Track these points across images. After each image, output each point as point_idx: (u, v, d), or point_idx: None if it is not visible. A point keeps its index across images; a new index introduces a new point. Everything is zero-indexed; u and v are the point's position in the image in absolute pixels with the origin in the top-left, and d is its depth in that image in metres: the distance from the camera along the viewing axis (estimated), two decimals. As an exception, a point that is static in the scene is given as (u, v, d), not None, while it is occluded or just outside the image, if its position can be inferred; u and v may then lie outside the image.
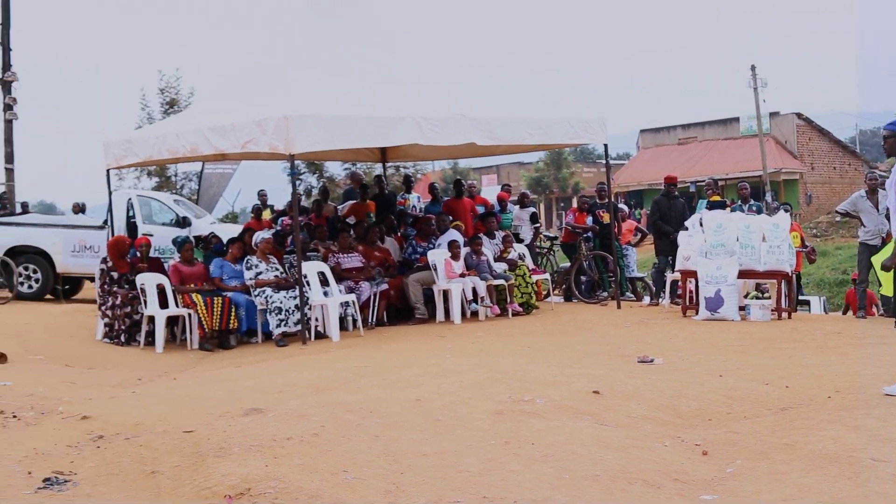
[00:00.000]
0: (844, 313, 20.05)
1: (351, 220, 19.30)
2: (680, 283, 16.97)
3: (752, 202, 18.61)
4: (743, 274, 15.72)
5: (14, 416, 9.17)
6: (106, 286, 15.84)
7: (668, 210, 18.57)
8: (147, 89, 36.05)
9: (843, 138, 78.43)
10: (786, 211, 17.77)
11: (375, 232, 17.47)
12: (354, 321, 15.62)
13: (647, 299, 19.31)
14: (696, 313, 15.76)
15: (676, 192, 19.29)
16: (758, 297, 15.94)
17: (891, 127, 9.59)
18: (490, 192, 32.16)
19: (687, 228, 16.88)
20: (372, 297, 16.13)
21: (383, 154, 21.84)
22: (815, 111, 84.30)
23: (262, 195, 23.91)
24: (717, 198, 19.10)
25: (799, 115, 67.72)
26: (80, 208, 29.28)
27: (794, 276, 16.84)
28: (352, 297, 15.55)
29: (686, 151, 70.40)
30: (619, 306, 17.83)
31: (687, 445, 7.44)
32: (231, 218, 35.22)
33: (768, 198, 49.86)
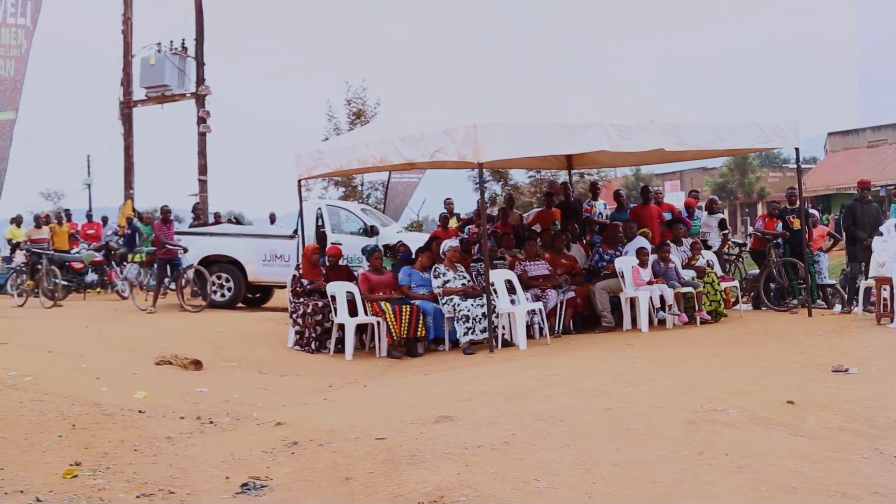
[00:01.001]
0: None
1: (537, 227, 19.33)
2: (874, 290, 16.53)
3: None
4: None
5: (211, 422, 9.46)
6: (297, 294, 16.20)
7: (862, 215, 18.10)
8: (333, 101, 36.67)
9: None
10: None
11: (562, 239, 17.45)
12: (541, 329, 15.63)
13: (838, 307, 18.87)
14: (892, 321, 15.34)
15: (870, 197, 18.81)
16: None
17: None
18: (673, 197, 31.85)
19: (881, 234, 16.42)
20: (558, 305, 16.13)
21: (569, 161, 21.80)
22: None
23: (448, 203, 24.11)
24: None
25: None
26: (272, 218, 30.04)
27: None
28: (538, 304, 15.58)
29: (876, 154, 68.50)
30: (809, 314, 17.47)
31: (886, 457, 7.26)
32: (416, 226, 35.58)
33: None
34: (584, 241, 19.35)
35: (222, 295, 22.04)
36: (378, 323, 15.26)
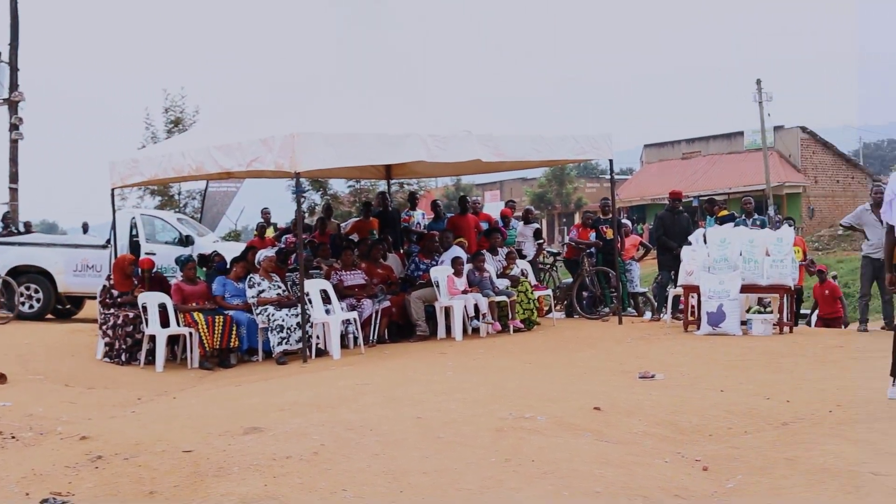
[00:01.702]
0: (813, 311, 20.25)
1: (354, 237, 19.30)
2: (682, 298, 16.96)
3: (755, 216, 18.60)
4: (746, 288, 15.72)
5: (13, 437, 9.18)
6: (107, 305, 15.87)
7: (672, 225, 18.56)
8: (151, 108, 36.09)
9: (846, 151, 78.39)
10: (790, 225, 17.76)
11: (378, 249, 17.44)
12: (356, 339, 15.58)
13: (648, 314, 19.30)
14: (698, 328, 15.75)
15: (681, 207, 19.29)
16: (760, 312, 15.91)
17: None
18: (493, 208, 32.19)
19: (690, 243, 16.86)
20: (374, 315, 16.11)
21: (388, 171, 21.82)
22: (819, 125, 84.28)
23: (265, 213, 23.91)
24: (725, 212, 19.13)
25: (803, 129, 67.66)
26: (85, 228, 29.37)
27: (796, 290, 16.85)
28: (353, 314, 15.54)
29: (690, 166, 70.42)
30: (620, 322, 17.79)
31: (687, 461, 7.43)
32: (234, 236, 35.23)
33: (771, 212, 49.93)
34: (401, 251, 19.38)
35: (31, 306, 21.40)
36: (190, 334, 15.02)
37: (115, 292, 15.89)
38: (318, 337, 15.14)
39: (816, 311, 20.87)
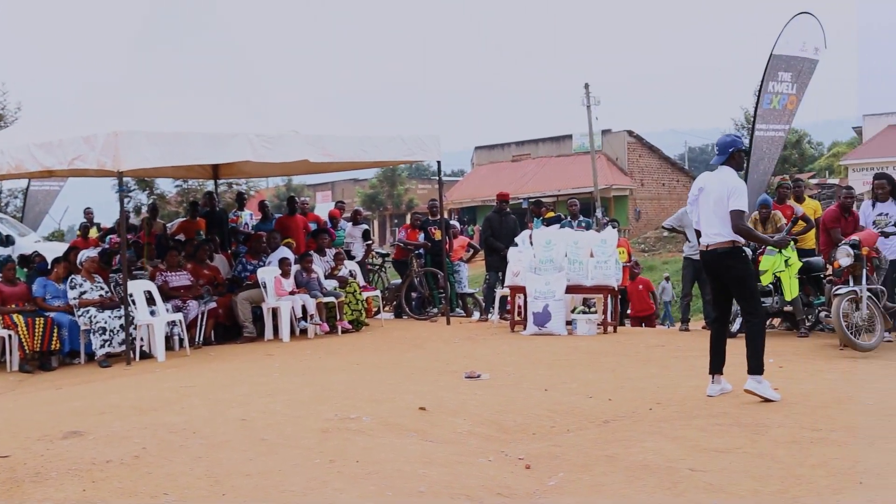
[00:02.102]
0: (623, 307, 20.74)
1: (181, 237, 19.02)
2: (509, 299, 17.15)
3: (581, 218, 18.87)
4: (571, 289, 15.97)
5: None
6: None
7: (500, 226, 18.74)
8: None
9: (672, 155, 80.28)
10: (613, 227, 18.08)
11: (205, 250, 17.21)
12: (181, 341, 15.35)
13: (476, 315, 19.45)
14: (525, 328, 15.95)
15: (508, 209, 19.48)
16: (584, 312, 16.18)
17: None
18: (324, 208, 32.07)
19: (517, 244, 17.06)
20: (200, 316, 15.89)
21: (215, 171, 21.53)
22: (647, 129, 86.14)
23: (87, 213, 23.43)
24: (551, 214, 19.39)
25: (630, 133, 69.02)
26: None
27: (619, 290, 17.18)
28: (179, 315, 15.30)
29: (520, 168, 71.22)
30: (448, 322, 17.90)
31: (511, 460, 7.51)
32: (57, 236, 34.43)
33: (599, 213, 50.81)
34: (229, 252, 19.16)
35: None
36: (9, 336, 14.60)
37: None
38: (142, 339, 14.87)
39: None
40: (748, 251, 11.18)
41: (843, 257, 13.18)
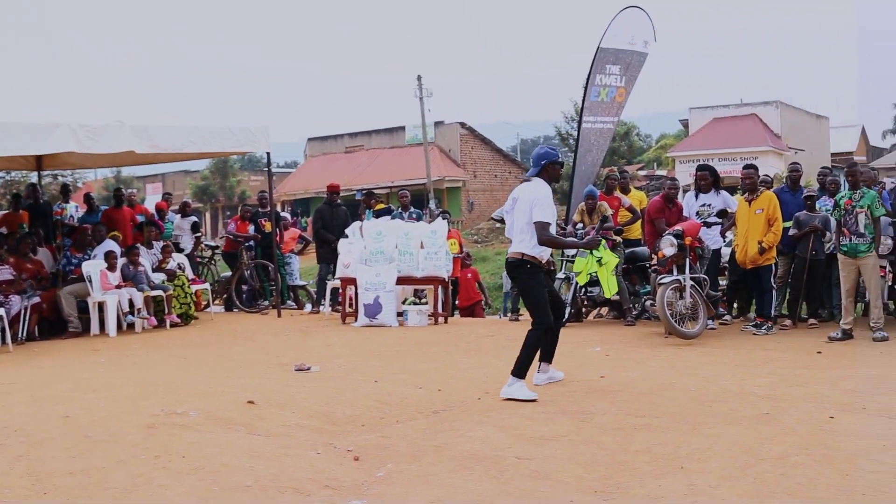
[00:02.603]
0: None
1: (3, 230, 18.48)
2: (340, 291, 17.12)
3: (412, 209, 18.93)
4: (402, 280, 16.04)
5: None
6: None
7: (331, 218, 18.68)
8: None
9: (505, 147, 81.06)
10: (444, 218, 18.17)
11: (27, 243, 16.73)
12: (3, 336, 14.92)
13: (308, 307, 19.38)
14: (356, 320, 15.95)
15: (339, 201, 19.42)
16: (415, 303, 16.25)
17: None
18: (154, 201, 31.51)
19: (348, 236, 17.04)
20: (23, 311, 15.46)
21: (39, 162, 20.97)
22: (479, 121, 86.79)
23: None
24: (381, 205, 19.40)
25: (463, 125, 69.42)
26: None
27: (451, 281, 17.28)
28: (0, 311, 14.89)
29: (353, 159, 71.10)
30: (279, 315, 17.81)
31: (339, 452, 7.49)
32: None
33: (432, 205, 50.99)
34: (53, 245, 18.70)
35: None
36: None
37: None
38: (-39, 336, 14.44)
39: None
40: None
41: (667, 247, 13.49)
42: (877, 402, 8.90)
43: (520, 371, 9.45)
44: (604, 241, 10.30)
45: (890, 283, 14.73)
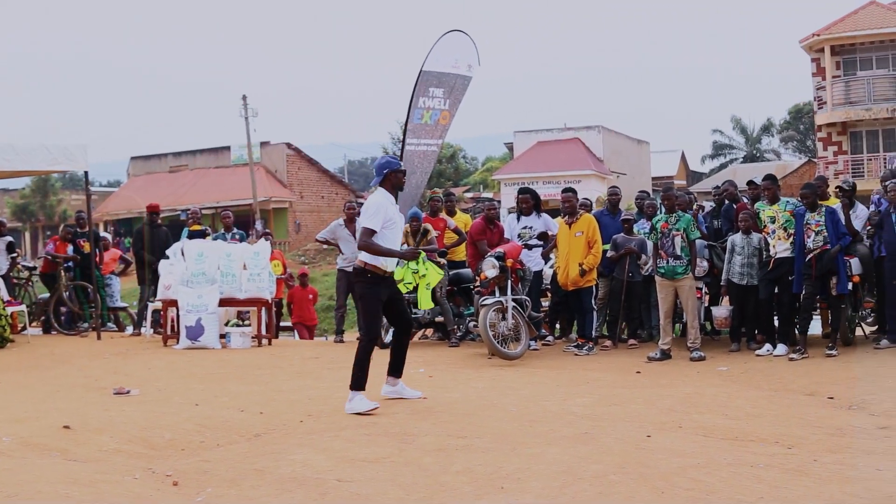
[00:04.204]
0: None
1: None
2: (162, 313, 16.86)
3: (235, 230, 18.74)
4: (224, 302, 15.88)
5: None
6: None
7: (151, 239, 18.38)
8: None
9: (332, 168, 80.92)
10: (266, 239, 18.04)
11: None
12: None
13: (129, 329, 19.02)
14: (178, 342, 15.72)
15: (160, 221, 19.12)
16: (238, 325, 16.10)
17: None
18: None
19: (168, 257, 16.79)
20: None
21: None
22: (306, 142, 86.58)
23: None
24: (197, 227, 19.15)
25: (289, 145, 69.09)
26: None
27: (274, 303, 17.17)
28: None
29: (177, 179, 70.09)
30: (99, 337, 17.45)
31: (158, 476, 7.35)
32: None
33: (258, 226, 50.61)
34: None
35: None
36: None
37: None
38: None
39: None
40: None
41: (489, 269, 13.64)
42: (693, 421, 9.14)
43: (356, 384, 9.58)
44: (423, 255, 10.28)
45: (706, 304, 15.14)
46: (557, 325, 16.31)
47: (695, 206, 16.10)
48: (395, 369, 10.21)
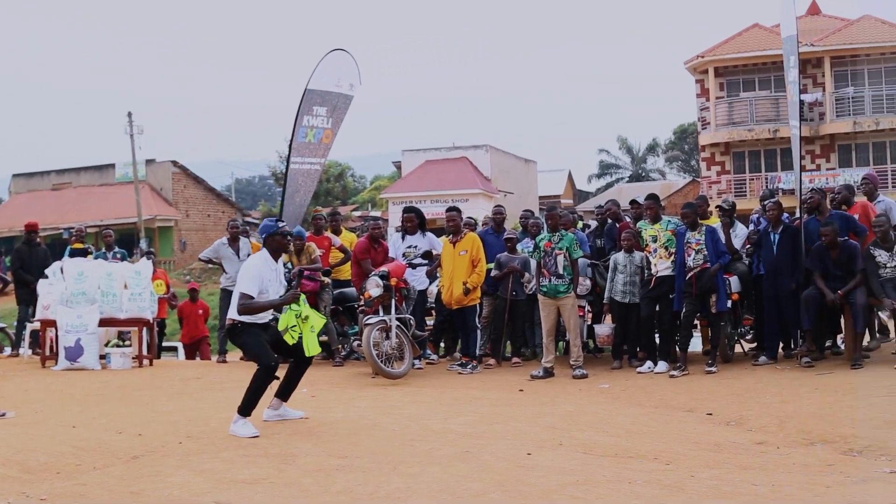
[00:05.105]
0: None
1: None
2: (40, 333, 16.55)
3: (116, 249, 18.49)
4: (104, 322, 15.63)
5: None
6: None
7: (29, 258, 18.04)
8: None
9: (219, 186, 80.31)
10: (149, 258, 17.82)
11: None
12: None
13: (7, 350, 18.66)
14: (56, 363, 15.44)
15: (39, 240, 18.79)
16: (119, 346, 15.85)
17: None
18: None
19: (47, 276, 16.50)
20: None
21: None
22: (193, 159, 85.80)
23: None
24: (80, 245, 18.85)
25: (175, 163, 68.45)
26: None
27: (156, 323, 16.96)
28: None
29: (61, 197, 68.97)
30: (-28, 360, 17.10)
31: (32, 501, 7.21)
32: None
33: (143, 245, 50.04)
34: None
35: None
36: None
37: None
38: None
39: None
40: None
41: (373, 288, 13.64)
42: (573, 438, 9.21)
43: (244, 409, 9.51)
44: (303, 297, 10.09)
45: (589, 322, 15.30)
46: (442, 344, 16.35)
47: (580, 225, 16.27)
48: (284, 393, 10.13)
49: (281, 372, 9.86)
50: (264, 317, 9.91)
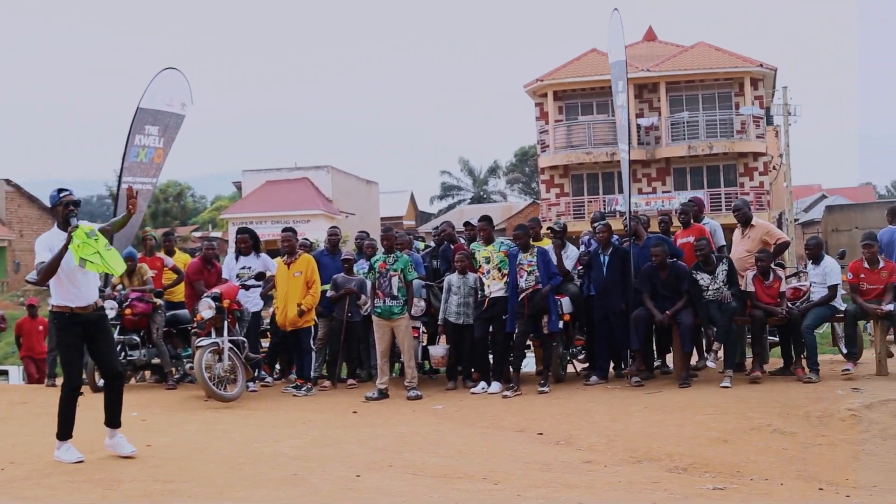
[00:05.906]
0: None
1: None
2: None
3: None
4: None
5: None
6: None
7: None
8: None
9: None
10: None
11: None
12: None
13: None
14: None
15: None
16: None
17: None
18: None
19: None
20: None
21: None
22: (28, 178, 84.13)
23: None
24: None
25: (8, 182, 66.88)
26: None
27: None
28: None
29: None
30: None
31: None
32: None
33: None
34: None
35: None
36: None
37: None
38: None
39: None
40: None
41: (205, 309, 13.48)
42: (403, 459, 9.24)
43: (60, 434, 9.21)
44: (82, 229, 9.70)
45: (423, 344, 15.34)
46: (277, 366, 16.23)
47: (423, 245, 16.37)
48: (110, 420, 9.55)
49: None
50: (73, 300, 9.54)
